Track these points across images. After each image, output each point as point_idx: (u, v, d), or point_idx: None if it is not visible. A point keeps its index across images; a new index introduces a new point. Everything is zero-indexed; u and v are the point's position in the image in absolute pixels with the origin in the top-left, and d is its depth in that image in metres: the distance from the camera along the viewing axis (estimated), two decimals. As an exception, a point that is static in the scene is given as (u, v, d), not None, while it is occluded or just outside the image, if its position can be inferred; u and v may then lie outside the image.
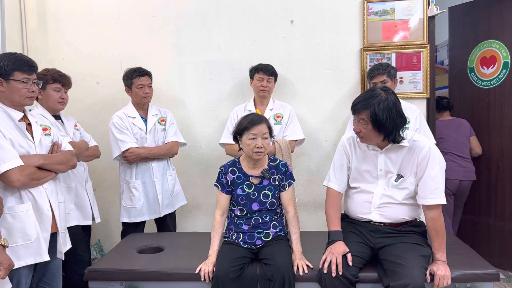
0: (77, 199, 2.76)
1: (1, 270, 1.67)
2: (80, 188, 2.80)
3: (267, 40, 3.35)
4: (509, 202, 3.36)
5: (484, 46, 3.36)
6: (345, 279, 1.94)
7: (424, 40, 3.18)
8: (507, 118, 3.29)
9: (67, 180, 2.68)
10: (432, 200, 2.04)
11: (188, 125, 3.43)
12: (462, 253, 2.25)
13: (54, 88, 2.62)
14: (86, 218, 2.83)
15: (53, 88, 2.62)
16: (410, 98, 3.18)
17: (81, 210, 2.79)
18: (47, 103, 2.64)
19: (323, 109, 3.36)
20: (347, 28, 3.27)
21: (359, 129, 2.05)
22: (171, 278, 2.20)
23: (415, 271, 1.88)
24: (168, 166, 3.11)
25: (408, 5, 3.18)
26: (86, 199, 2.82)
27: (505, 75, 3.30)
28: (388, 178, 2.12)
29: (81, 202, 2.79)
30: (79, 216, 2.77)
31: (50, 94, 2.62)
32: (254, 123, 2.19)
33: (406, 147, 2.07)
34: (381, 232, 2.11)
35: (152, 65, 3.15)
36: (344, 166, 2.22)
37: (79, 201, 2.78)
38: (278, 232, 2.28)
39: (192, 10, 3.39)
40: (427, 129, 2.92)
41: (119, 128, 2.94)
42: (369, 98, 2.01)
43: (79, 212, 2.78)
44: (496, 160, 3.40)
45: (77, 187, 2.77)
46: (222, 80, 3.41)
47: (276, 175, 2.29)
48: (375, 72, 2.92)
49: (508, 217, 3.36)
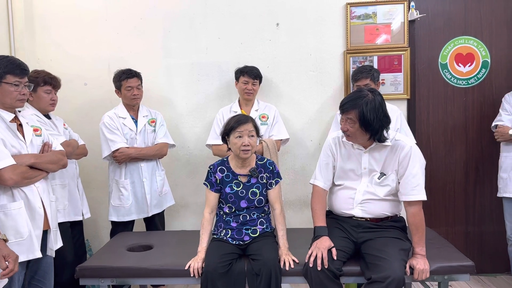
0: (69, 195, 2.84)
1: (10, 262, 1.72)
2: (72, 185, 2.88)
3: (253, 42, 3.43)
4: (489, 205, 3.43)
5: (459, 42, 3.39)
6: (330, 272, 2.03)
7: (404, 43, 3.30)
8: (487, 119, 3.34)
9: (61, 177, 2.75)
10: (413, 197, 2.14)
11: (176, 125, 3.49)
12: (440, 247, 2.36)
13: (45, 90, 2.67)
14: (77, 214, 2.90)
15: (44, 90, 2.67)
16: (392, 99, 3.29)
17: (72, 207, 2.87)
18: (38, 105, 2.69)
19: (308, 110, 3.45)
20: (331, 31, 3.37)
21: (346, 128, 2.14)
22: (161, 274, 2.25)
23: (396, 264, 1.98)
24: (157, 167, 3.16)
25: (389, 9, 3.29)
26: (77, 195, 2.91)
27: (485, 74, 3.40)
28: (372, 176, 2.21)
29: (72, 198, 2.86)
30: (70, 212, 2.84)
31: (41, 96, 2.67)
32: (241, 123, 2.26)
33: (389, 146, 2.17)
34: (363, 227, 2.20)
35: (140, 66, 3.20)
36: (330, 165, 2.31)
37: (71, 197, 2.85)
38: (265, 229, 2.36)
39: (180, 12, 3.44)
40: (408, 129, 3.04)
41: (109, 128, 2.98)
42: (357, 98, 2.10)
43: (70, 208, 2.85)
44: (475, 162, 3.46)
45: (70, 184, 2.84)
46: (209, 81, 3.48)
47: (264, 174, 2.36)
48: (359, 75, 3.01)
49: (488, 221, 3.45)
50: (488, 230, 3.47)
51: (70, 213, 2.84)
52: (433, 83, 3.41)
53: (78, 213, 2.92)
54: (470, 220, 3.49)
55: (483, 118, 3.41)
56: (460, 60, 3.40)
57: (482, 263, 3.44)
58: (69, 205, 2.82)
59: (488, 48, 3.39)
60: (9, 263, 1.72)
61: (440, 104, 3.43)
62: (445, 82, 3.42)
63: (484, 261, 3.46)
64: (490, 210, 3.45)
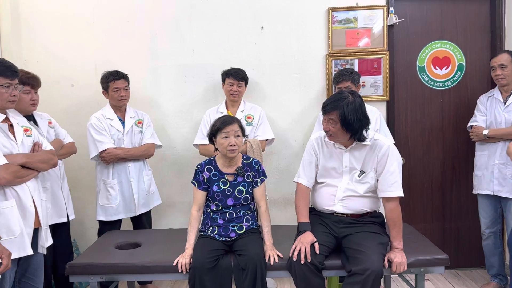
0: (53, 197, 2.83)
1: (4, 259, 1.76)
2: (56, 186, 2.86)
3: (238, 45, 3.51)
4: (465, 202, 3.57)
5: (436, 46, 3.55)
6: (313, 266, 2.12)
7: (384, 47, 3.43)
8: (462, 120, 3.47)
9: (43, 181, 2.71)
10: (391, 193, 2.25)
11: (163, 126, 3.55)
12: (417, 241, 2.47)
13: (24, 91, 2.60)
14: (61, 216, 2.90)
15: (23, 91, 2.59)
16: (372, 101, 3.42)
17: (56, 209, 2.86)
18: (19, 106, 2.59)
19: (292, 111, 3.55)
20: (314, 35, 3.48)
21: (328, 128, 2.24)
22: (149, 270, 2.31)
23: (374, 257, 2.08)
24: (144, 167, 3.22)
25: (370, 14, 3.42)
26: (61, 197, 2.89)
27: (460, 77, 3.55)
28: (352, 174, 2.32)
29: (56, 200, 2.86)
30: (53, 215, 2.84)
31: (21, 97, 2.55)
32: (226, 123, 2.35)
33: (368, 146, 2.28)
34: (344, 223, 2.31)
35: (127, 68, 3.25)
36: (313, 164, 2.41)
37: (55, 199, 2.85)
38: (251, 225, 2.44)
39: (166, 15, 3.51)
40: (387, 129, 3.16)
41: (97, 129, 3.03)
42: (338, 100, 2.20)
43: (55, 210, 2.85)
44: (451, 161, 3.59)
45: (53, 186, 2.84)
46: (196, 83, 3.55)
47: (250, 172, 2.45)
48: (340, 78, 3.12)
49: (464, 217, 3.59)
50: (464, 226, 3.61)
51: (53, 215, 2.83)
52: (411, 85, 3.55)
53: (63, 215, 2.91)
54: (447, 216, 3.63)
55: (458, 119, 3.55)
56: (437, 63, 3.55)
57: (458, 257, 3.59)
58: (52, 207, 2.81)
59: (463, 52, 3.54)
60: (3, 260, 1.77)
61: (418, 106, 3.58)
62: (422, 85, 3.56)
63: (460, 256, 3.61)
64: (466, 207, 3.59)
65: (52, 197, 2.83)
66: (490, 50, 3.52)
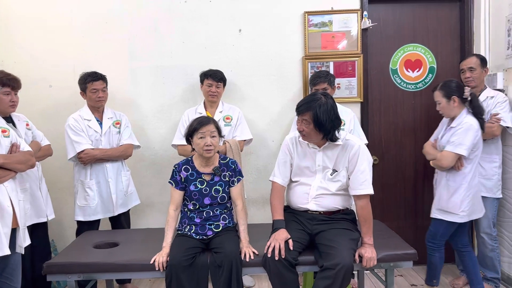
0: (32, 198, 2.84)
1: None
2: (35, 187, 2.88)
3: (217, 47, 3.57)
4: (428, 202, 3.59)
5: (408, 49, 3.68)
6: (287, 262, 2.19)
7: (358, 50, 3.54)
8: (433, 120, 3.51)
9: (22, 182, 2.71)
10: (362, 191, 2.33)
11: (141, 127, 3.58)
12: (387, 237, 2.57)
13: (4, 92, 2.61)
14: (40, 216, 2.92)
15: (3, 92, 2.61)
16: (346, 102, 3.52)
17: (35, 209, 2.87)
18: None
19: (270, 112, 3.62)
20: (290, 38, 3.56)
21: (302, 128, 2.31)
22: (127, 269, 2.35)
23: (345, 252, 2.17)
24: (122, 167, 3.24)
25: (344, 18, 3.52)
26: (40, 197, 2.91)
27: (431, 79, 3.68)
28: (325, 172, 2.40)
29: (35, 201, 2.87)
30: (33, 215, 2.85)
31: (1, 98, 2.61)
32: (203, 124, 2.40)
33: (340, 145, 2.36)
34: (317, 220, 2.39)
35: (106, 69, 3.27)
36: (287, 163, 2.48)
37: (34, 200, 2.86)
38: (227, 224, 2.50)
39: (145, 17, 3.54)
40: (360, 130, 3.26)
41: (74, 130, 3.04)
42: (311, 101, 2.28)
43: (34, 210, 2.86)
44: (423, 160, 3.59)
45: (32, 187, 2.85)
46: (175, 84, 3.59)
47: (226, 172, 2.50)
48: (317, 80, 3.19)
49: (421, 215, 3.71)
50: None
51: (33, 216, 2.84)
52: (384, 87, 3.67)
53: (42, 215, 2.93)
54: (420, 214, 3.75)
55: (430, 120, 3.67)
56: (409, 66, 3.67)
57: (431, 253, 3.70)
58: (32, 208, 2.83)
59: (435, 55, 3.67)
60: None
61: (391, 107, 3.69)
62: (395, 86, 3.68)
63: (432, 252, 3.72)
64: (438, 204, 3.72)
65: (31, 198, 2.84)
66: (460, 53, 3.66)
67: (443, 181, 2.89)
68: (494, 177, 3.08)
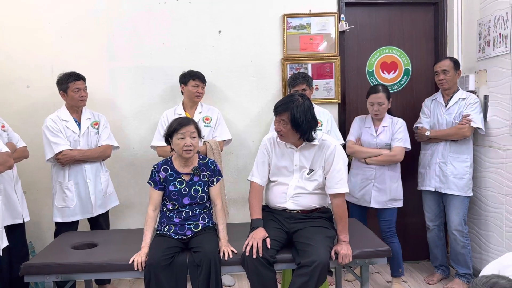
0: (6, 199, 2.81)
1: None
2: (10, 189, 2.84)
3: (197, 48, 3.59)
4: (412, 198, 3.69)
5: (384, 52, 3.77)
6: (264, 260, 2.23)
7: (335, 52, 3.61)
8: (409, 121, 3.60)
9: None
10: (337, 189, 2.39)
11: (120, 127, 3.57)
12: (362, 234, 2.63)
13: None
14: (16, 217, 2.89)
15: None
16: (324, 103, 3.59)
17: (11, 210, 2.84)
18: None
19: (249, 113, 3.66)
20: (270, 40, 3.61)
21: (279, 128, 2.36)
22: (105, 269, 2.34)
23: (321, 249, 2.22)
24: (101, 168, 3.23)
25: (322, 21, 3.58)
26: (15, 199, 2.88)
27: (407, 81, 3.79)
28: (302, 172, 2.45)
29: (10, 202, 2.84)
30: (8, 216, 2.82)
31: None
32: (183, 125, 2.42)
33: (317, 145, 2.41)
34: (295, 218, 2.43)
35: (84, 69, 3.25)
36: (266, 163, 2.52)
37: (8, 201, 2.82)
38: (206, 223, 2.52)
39: (124, 17, 3.53)
40: (337, 130, 3.33)
41: (52, 131, 3.02)
42: (289, 102, 2.33)
43: (9, 212, 2.83)
44: None
45: (7, 188, 2.81)
46: (154, 84, 3.59)
47: (206, 172, 2.53)
48: (296, 81, 3.24)
49: (411, 213, 3.79)
50: (411, 221, 3.83)
51: (7, 217, 2.81)
52: (361, 89, 3.73)
53: (18, 216, 2.90)
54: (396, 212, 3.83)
55: (405, 120, 3.67)
56: (385, 68, 3.77)
57: (407, 251, 3.76)
58: (6, 209, 2.79)
59: (410, 57, 3.77)
60: None
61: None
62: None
63: (408, 250, 3.79)
64: (413, 203, 3.80)
65: (6, 199, 2.80)
66: (434, 55, 3.77)
67: (386, 174, 3.20)
68: (465, 176, 3.18)
